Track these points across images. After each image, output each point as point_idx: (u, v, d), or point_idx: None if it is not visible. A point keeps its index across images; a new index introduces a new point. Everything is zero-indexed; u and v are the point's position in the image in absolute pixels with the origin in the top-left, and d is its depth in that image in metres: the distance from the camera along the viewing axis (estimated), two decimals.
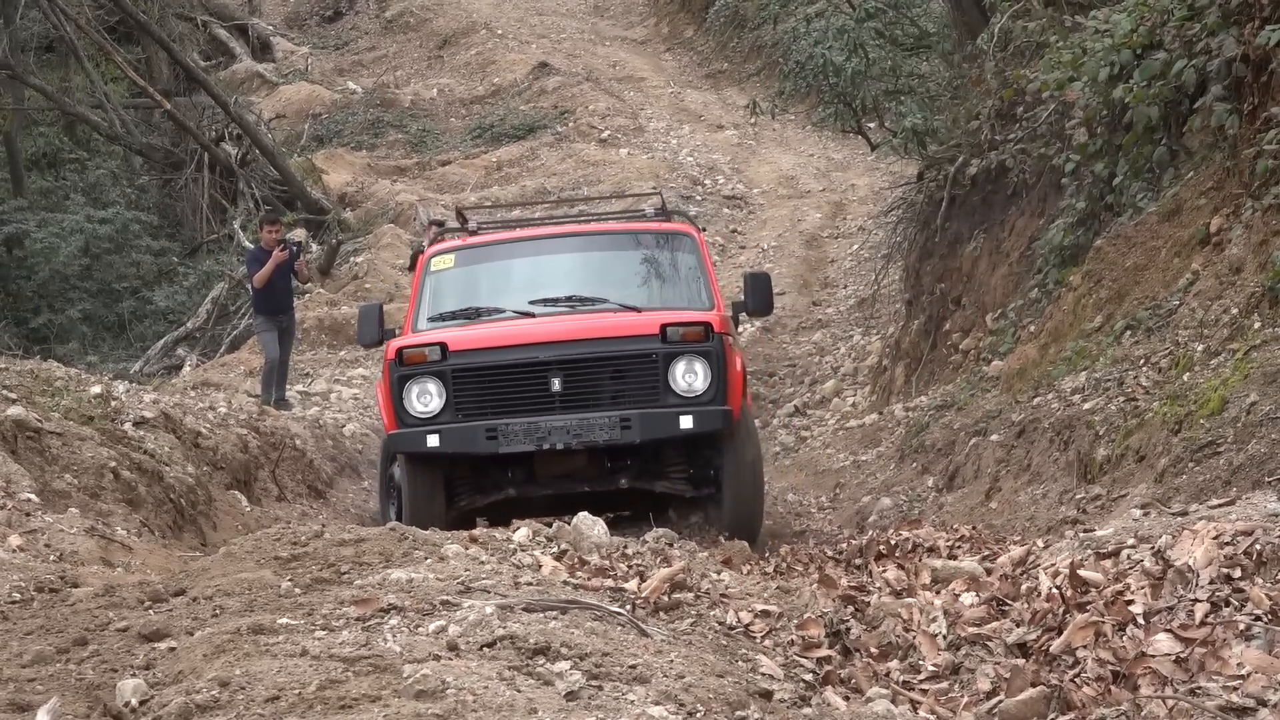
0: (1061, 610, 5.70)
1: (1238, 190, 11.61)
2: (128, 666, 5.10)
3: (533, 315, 11.92)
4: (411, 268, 20.04)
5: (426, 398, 11.12)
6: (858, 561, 8.22)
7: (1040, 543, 7.21)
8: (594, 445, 11.09)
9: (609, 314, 11.90)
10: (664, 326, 11.18)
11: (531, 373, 11.14)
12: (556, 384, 11.08)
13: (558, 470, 11.44)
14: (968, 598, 6.31)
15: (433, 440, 11.03)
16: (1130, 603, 5.54)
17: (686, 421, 10.99)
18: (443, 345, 11.20)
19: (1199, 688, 5.00)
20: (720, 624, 5.96)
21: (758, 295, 12.48)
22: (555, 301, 12.14)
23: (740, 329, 20.09)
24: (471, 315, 12.18)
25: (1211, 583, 5.47)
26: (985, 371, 16.17)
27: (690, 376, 11.09)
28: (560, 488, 11.43)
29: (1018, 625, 5.86)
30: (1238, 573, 5.50)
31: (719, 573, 6.89)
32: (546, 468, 11.44)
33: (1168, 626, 5.33)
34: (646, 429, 11.04)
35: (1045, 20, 17.09)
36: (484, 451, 11.11)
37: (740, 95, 35.24)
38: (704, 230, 13.55)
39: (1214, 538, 5.69)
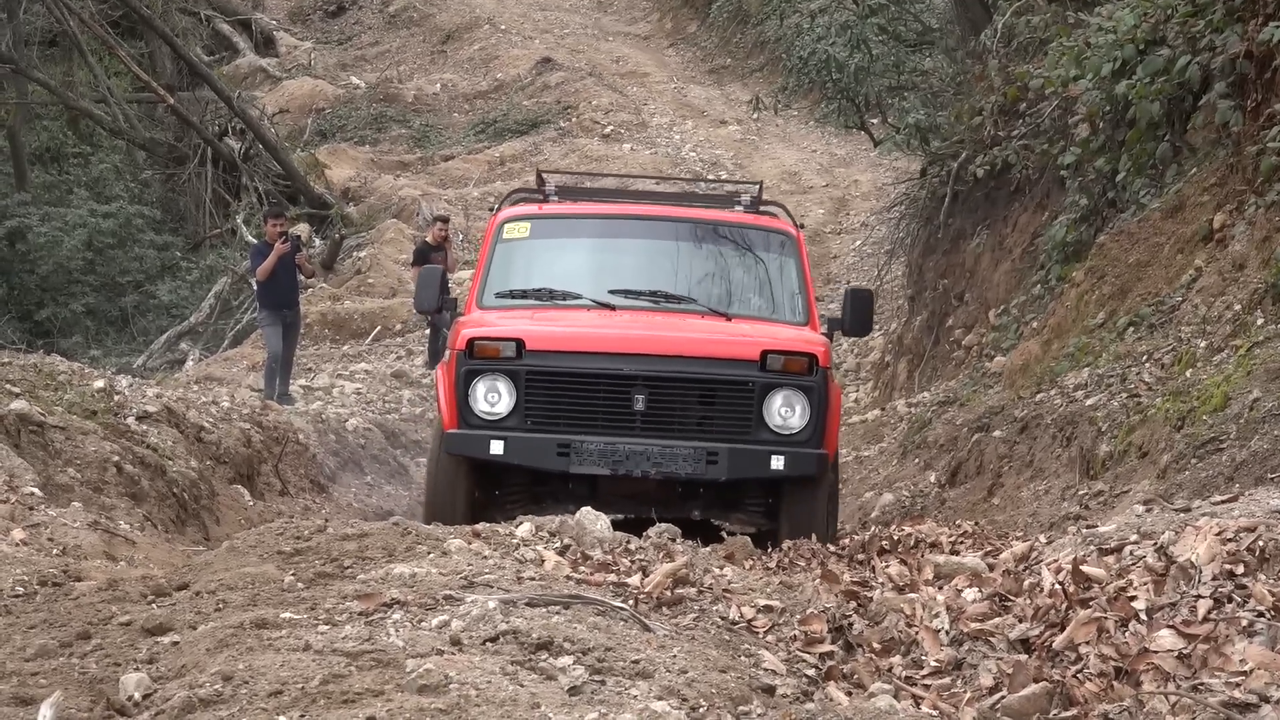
0: (1064, 606, 5.70)
1: (1241, 187, 11.62)
2: (131, 660, 5.11)
3: (612, 307, 10.92)
4: (415, 263, 20.03)
5: (494, 397, 10.11)
6: (860, 557, 8.22)
7: (1043, 539, 7.22)
8: (675, 478, 10.14)
9: (699, 321, 10.88)
10: (765, 353, 10.14)
11: (614, 386, 10.13)
12: (640, 402, 10.08)
13: (627, 491, 10.40)
14: (970, 593, 6.32)
15: (497, 447, 10.04)
16: (1133, 599, 5.54)
17: (778, 463, 10.00)
18: (519, 342, 10.16)
19: (1201, 684, 5.00)
20: (723, 619, 5.96)
21: (858, 314, 11.35)
22: (638, 295, 11.14)
23: None
24: (544, 297, 11.14)
25: (1214, 579, 5.47)
26: (988, 367, 16.19)
27: (787, 412, 10.09)
28: (627, 510, 10.36)
29: (1020, 621, 5.86)
30: (1240, 569, 5.50)
31: (721, 568, 6.89)
32: (615, 487, 10.38)
33: (1170, 623, 5.33)
34: (735, 467, 10.05)
35: (1048, 16, 17.12)
36: (553, 469, 10.18)
37: (743, 91, 35.27)
38: (803, 228, 12.44)
39: (1217, 534, 5.69)
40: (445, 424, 10.36)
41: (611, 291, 11.08)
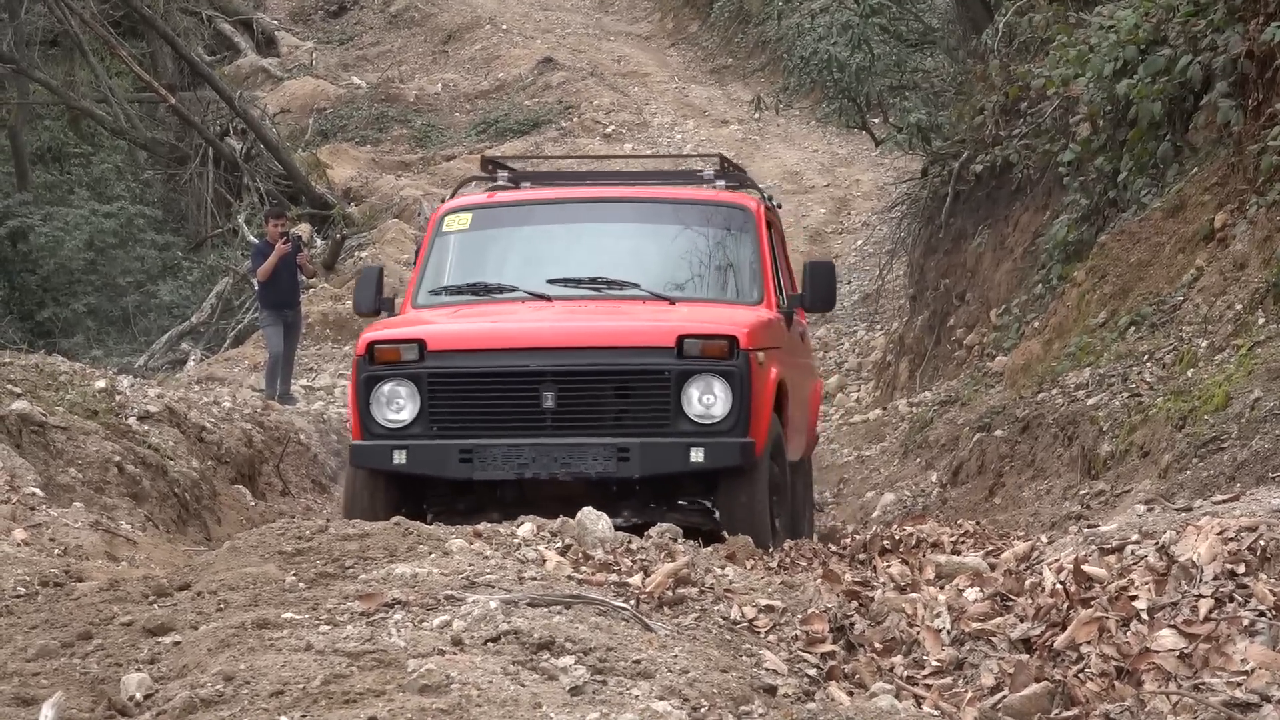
0: (1065, 606, 5.71)
1: (1242, 186, 11.63)
2: (132, 661, 5.11)
3: (548, 298, 10.24)
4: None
5: (397, 405, 9.48)
6: (862, 557, 8.22)
7: (1044, 538, 7.22)
8: (585, 478, 9.40)
9: (627, 308, 10.23)
10: (681, 338, 9.38)
11: (521, 384, 9.49)
12: (549, 400, 9.39)
13: (552, 494, 9.58)
14: (971, 593, 6.32)
15: (399, 458, 9.38)
16: (1134, 598, 5.55)
17: (698, 455, 9.27)
18: (420, 343, 9.52)
19: (1203, 683, 5.00)
20: (724, 619, 5.96)
21: (818, 287, 10.62)
22: (578, 283, 10.40)
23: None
24: (479, 292, 10.48)
25: (1215, 578, 5.47)
26: (989, 367, 16.20)
27: (709, 400, 9.34)
28: (554, 514, 9.40)
29: (1021, 621, 5.86)
30: (1242, 568, 5.51)
31: (723, 568, 6.89)
32: (538, 490, 9.67)
33: (1172, 622, 5.34)
34: (648, 462, 9.35)
35: (1050, 15, 17.11)
36: (456, 476, 9.52)
37: (745, 90, 35.25)
38: (770, 199, 11.76)
39: (1218, 533, 5.69)
40: (352, 434, 9.80)
41: (550, 281, 10.41)
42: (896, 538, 8.33)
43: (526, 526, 7.25)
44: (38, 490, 9.29)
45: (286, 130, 35.20)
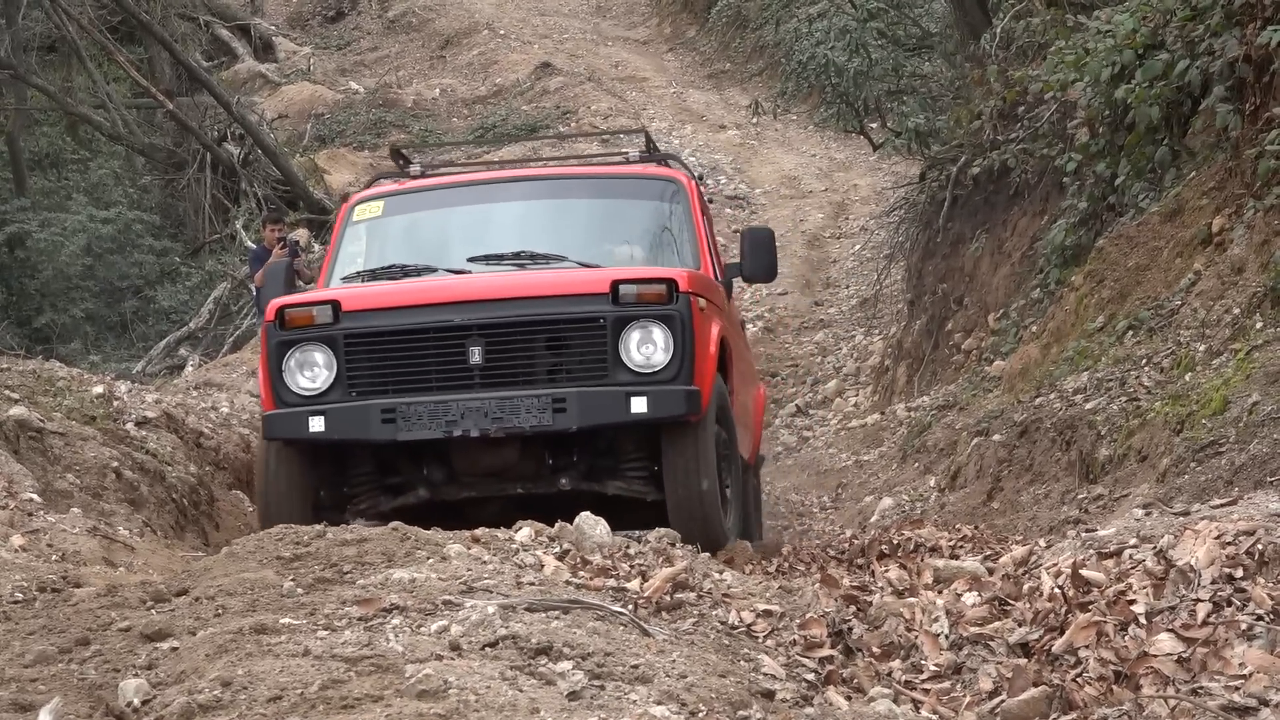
0: (1063, 610, 5.71)
1: (1240, 190, 11.62)
2: (130, 666, 5.11)
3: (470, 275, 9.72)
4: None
5: (312, 371, 8.84)
6: (860, 561, 8.22)
7: (1042, 542, 7.22)
8: (519, 433, 8.72)
9: (553, 270, 9.64)
10: (615, 284, 8.75)
11: (445, 340, 8.81)
12: (477, 355, 8.73)
13: (483, 466, 9.07)
14: (970, 597, 6.32)
15: (316, 424, 8.70)
16: (1132, 602, 5.55)
17: (639, 404, 8.61)
18: (335, 304, 8.88)
19: (1201, 687, 5.00)
20: (722, 624, 5.96)
21: (757, 256, 10.15)
22: (500, 258, 9.79)
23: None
24: (395, 275, 9.82)
25: (1213, 582, 5.47)
26: (987, 371, 16.19)
27: (648, 348, 8.70)
28: (486, 488, 9.14)
29: (1020, 625, 5.86)
30: (1240, 572, 5.51)
31: (721, 572, 6.89)
32: (469, 462, 9.07)
33: (1170, 626, 5.34)
34: (586, 412, 8.64)
35: (1048, 20, 17.11)
36: (379, 438, 8.77)
37: (742, 95, 35.24)
38: (702, 180, 11.26)
39: (1216, 537, 5.69)
40: (264, 406, 9.14)
41: (471, 259, 9.87)
42: (895, 542, 8.33)
43: (524, 531, 7.25)
44: (35, 496, 9.28)
45: (284, 135, 35.21)
